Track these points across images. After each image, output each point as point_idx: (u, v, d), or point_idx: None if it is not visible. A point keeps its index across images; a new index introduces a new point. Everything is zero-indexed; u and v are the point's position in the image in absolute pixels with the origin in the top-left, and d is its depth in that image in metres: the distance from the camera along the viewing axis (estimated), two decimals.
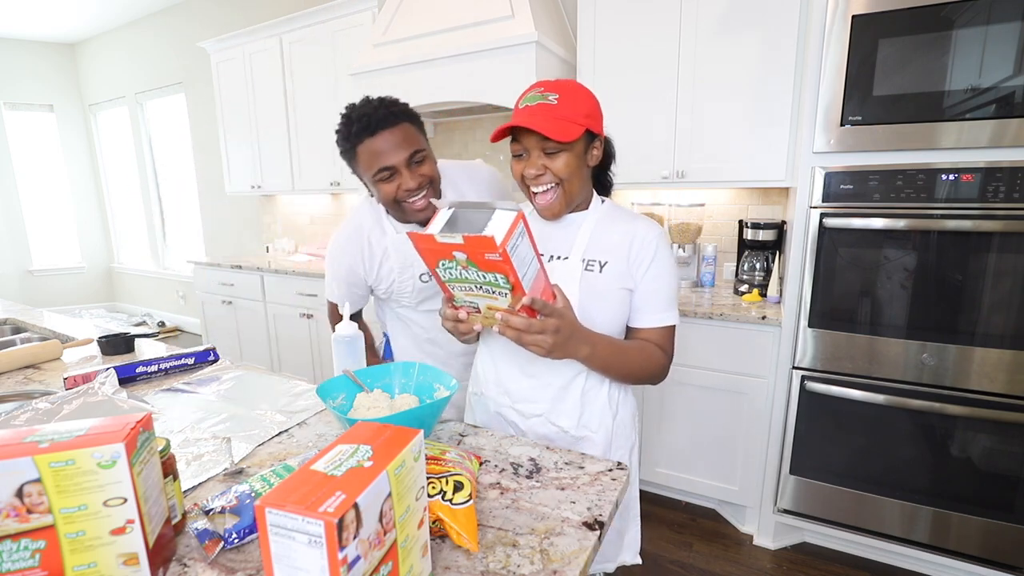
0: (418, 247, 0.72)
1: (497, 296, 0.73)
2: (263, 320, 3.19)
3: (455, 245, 0.68)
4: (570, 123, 0.83)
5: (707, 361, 1.90)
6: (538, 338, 0.74)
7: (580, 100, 0.86)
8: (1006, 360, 1.47)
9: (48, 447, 0.50)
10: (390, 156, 1.05)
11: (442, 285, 0.77)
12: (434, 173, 1.13)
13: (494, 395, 1.02)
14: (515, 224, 0.68)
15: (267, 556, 0.44)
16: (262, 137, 3.32)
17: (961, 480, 1.57)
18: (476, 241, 0.66)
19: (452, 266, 0.72)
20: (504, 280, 0.70)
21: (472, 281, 0.73)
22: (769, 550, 1.87)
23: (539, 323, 0.74)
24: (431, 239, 0.69)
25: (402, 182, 1.07)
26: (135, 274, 5.45)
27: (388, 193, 1.09)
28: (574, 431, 0.96)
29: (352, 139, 1.07)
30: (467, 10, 2.19)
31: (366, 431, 0.55)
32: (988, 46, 1.36)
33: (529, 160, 0.87)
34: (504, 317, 0.74)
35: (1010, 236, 1.42)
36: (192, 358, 1.29)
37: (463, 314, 0.79)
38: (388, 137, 1.05)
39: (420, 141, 1.10)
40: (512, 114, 0.88)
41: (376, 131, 1.04)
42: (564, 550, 0.61)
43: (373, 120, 1.04)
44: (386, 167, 1.05)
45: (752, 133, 1.91)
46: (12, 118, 5.10)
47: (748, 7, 1.84)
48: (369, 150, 1.05)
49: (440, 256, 0.71)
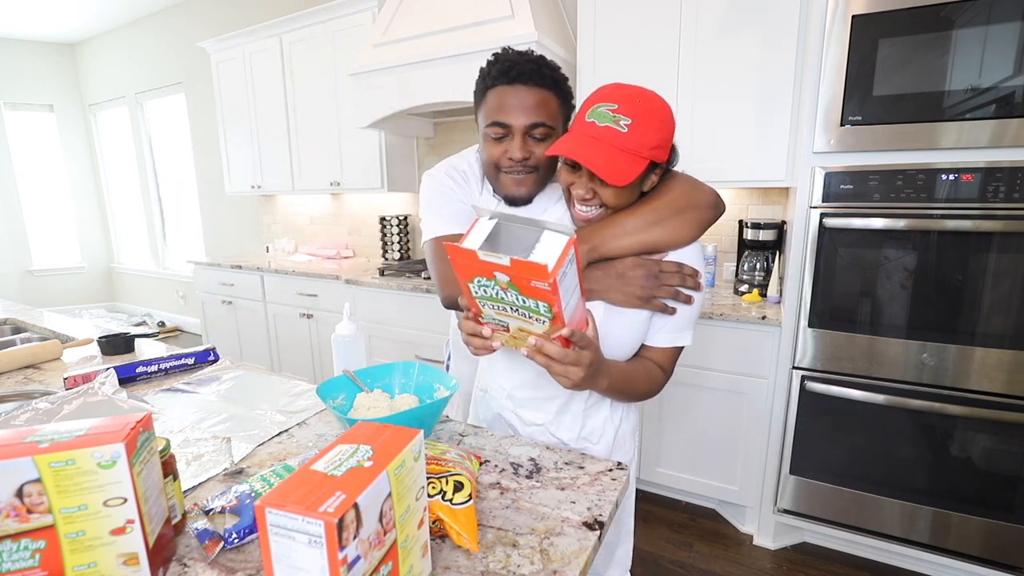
0: (454, 260, 0.65)
1: (533, 321, 0.67)
2: (263, 320, 3.19)
3: (499, 266, 0.61)
4: (634, 158, 0.74)
5: (707, 361, 1.90)
6: (570, 369, 0.70)
7: (653, 129, 0.75)
8: (1006, 360, 1.47)
9: (48, 447, 0.50)
10: (511, 113, 0.91)
11: (471, 300, 0.71)
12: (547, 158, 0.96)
13: (498, 396, 1.01)
14: (566, 251, 0.63)
15: (267, 556, 0.44)
16: (262, 137, 3.32)
17: (961, 480, 1.57)
18: (525, 267, 0.60)
19: (489, 285, 0.66)
20: (547, 308, 0.64)
21: (509, 303, 0.67)
22: (769, 550, 1.87)
23: (574, 355, 0.69)
24: (472, 255, 0.62)
25: (510, 148, 0.92)
26: (135, 274, 5.45)
27: (492, 155, 0.95)
28: (574, 444, 0.96)
29: (488, 80, 0.94)
30: (467, 10, 2.19)
31: (366, 431, 0.55)
32: (988, 46, 1.36)
33: (580, 180, 0.80)
34: (538, 343, 0.69)
35: (1010, 236, 1.42)
36: (192, 358, 1.29)
37: (487, 331, 0.73)
38: (522, 93, 0.91)
39: (553, 117, 0.94)
40: (575, 119, 0.81)
41: (514, 81, 0.91)
42: (564, 550, 0.61)
43: (516, 69, 0.91)
44: (501, 123, 0.92)
45: (752, 133, 1.91)
46: (12, 118, 5.10)
47: (748, 7, 1.84)
48: (496, 99, 0.92)
49: (478, 273, 0.65)
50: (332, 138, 2.96)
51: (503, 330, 0.72)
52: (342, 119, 2.89)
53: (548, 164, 0.96)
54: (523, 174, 0.94)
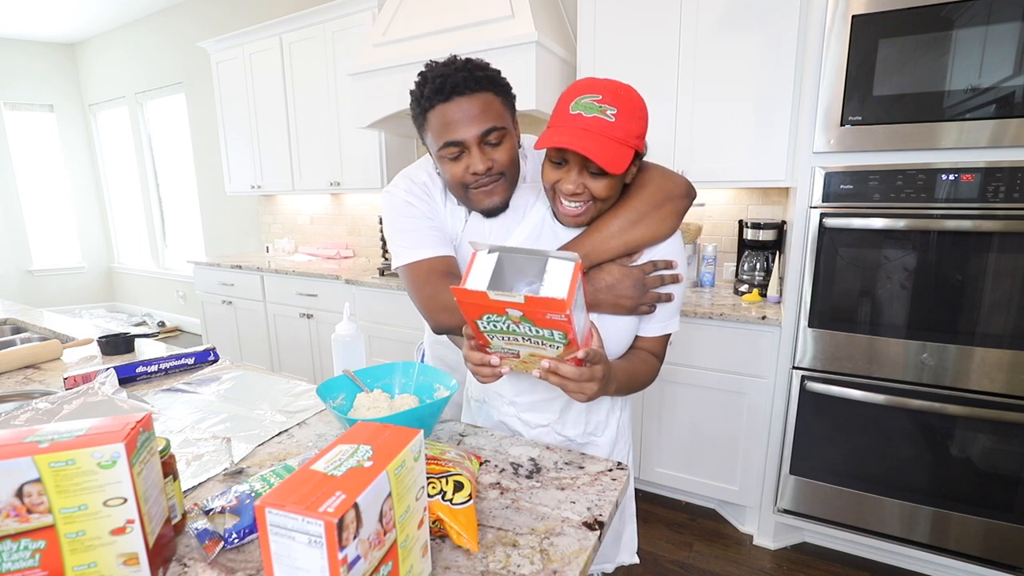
0: (461, 302, 0.63)
1: (546, 347, 0.67)
2: (263, 320, 3.19)
3: (513, 304, 0.60)
4: (624, 147, 0.75)
5: (707, 361, 1.90)
6: (586, 386, 0.70)
7: (636, 118, 0.77)
8: (1006, 360, 1.47)
9: (48, 447, 0.50)
10: (460, 129, 0.86)
11: (479, 335, 0.69)
12: (510, 160, 0.91)
13: (498, 404, 1.01)
14: (575, 277, 0.62)
15: (267, 556, 0.44)
16: (262, 137, 3.32)
17: (961, 480, 1.57)
18: (541, 303, 0.59)
19: (500, 320, 0.64)
20: (561, 336, 0.64)
21: (521, 334, 0.66)
22: (769, 550, 1.87)
23: (588, 372, 0.69)
24: (483, 296, 0.61)
25: (470, 162, 0.87)
26: (135, 274, 5.45)
27: (454, 175, 0.90)
28: (580, 439, 0.97)
29: (423, 102, 0.88)
30: (467, 10, 2.19)
31: (366, 431, 0.55)
32: (988, 46, 1.36)
33: (568, 175, 0.78)
34: (553, 366, 0.69)
35: (1010, 236, 1.42)
36: (192, 358, 1.29)
37: (495, 359, 0.72)
38: (463, 105, 0.86)
39: (501, 117, 0.90)
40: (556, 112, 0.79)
41: (451, 96, 0.86)
42: (564, 550, 0.61)
43: (449, 83, 0.85)
44: (454, 141, 0.87)
45: (752, 133, 1.91)
46: (12, 118, 5.10)
47: (748, 7, 1.84)
48: (440, 118, 0.87)
49: (488, 311, 0.63)
50: (332, 138, 2.96)
51: (512, 356, 0.72)
52: (342, 119, 2.89)
53: (512, 166, 0.93)
54: (492, 184, 0.91)
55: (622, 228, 0.83)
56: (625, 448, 1.03)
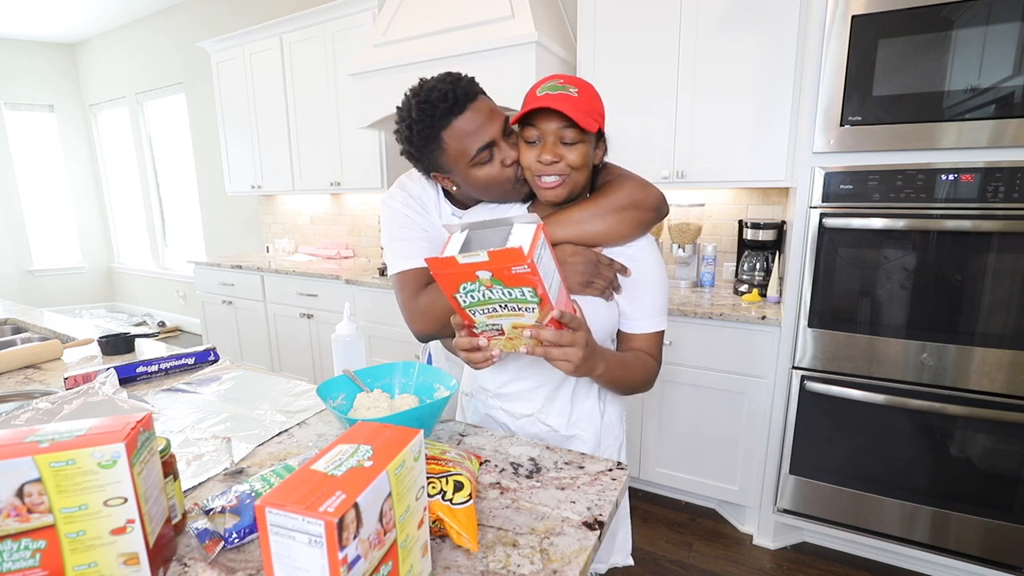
0: (436, 273, 0.68)
1: (524, 312, 0.70)
2: (263, 320, 3.19)
3: (479, 264, 0.64)
4: (590, 116, 0.83)
5: (707, 361, 1.90)
6: (568, 351, 0.72)
7: (594, 99, 0.86)
8: (1006, 360, 1.47)
9: (48, 447, 0.50)
10: (487, 131, 0.90)
11: (462, 313, 0.73)
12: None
13: (483, 397, 1.03)
14: (537, 234, 0.66)
15: (267, 556, 0.44)
16: (262, 137, 3.32)
17: (961, 480, 1.57)
18: (502, 255, 0.63)
19: (474, 288, 0.68)
20: (532, 293, 0.67)
21: (496, 301, 0.69)
22: (769, 550, 1.87)
23: (570, 335, 0.71)
24: (452, 262, 0.65)
25: (504, 156, 0.92)
26: (135, 274, 5.45)
27: (492, 176, 0.93)
28: (564, 430, 0.98)
29: (438, 123, 0.89)
30: (467, 10, 2.19)
31: (366, 431, 0.55)
32: (988, 46, 1.36)
33: (545, 147, 0.84)
34: (534, 332, 0.71)
35: (1010, 236, 1.42)
36: (192, 358, 1.29)
37: (483, 341, 0.75)
38: (479, 111, 0.90)
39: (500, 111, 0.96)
40: (526, 100, 0.86)
41: (464, 108, 0.89)
42: (564, 550, 0.62)
43: (459, 96, 0.89)
44: (486, 145, 0.90)
45: (752, 133, 1.91)
46: (12, 118, 5.10)
47: (747, 8, 1.84)
48: (459, 132, 0.89)
49: (462, 279, 0.67)
50: (332, 138, 2.97)
51: (498, 334, 0.74)
52: (342, 119, 2.89)
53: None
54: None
55: (580, 219, 0.89)
56: (615, 445, 1.03)
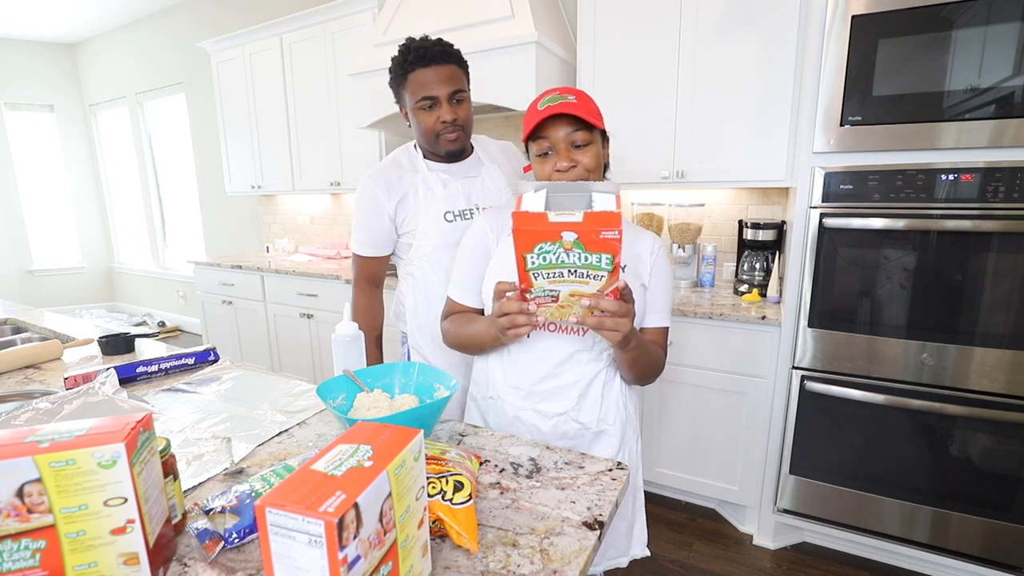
0: (520, 228, 0.68)
1: (589, 280, 0.71)
2: (263, 320, 3.19)
3: (570, 224, 0.65)
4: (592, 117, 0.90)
5: (707, 361, 1.90)
6: (621, 322, 0.75)
7: (591, 103, 0.93)
8: (1006, 360, 1.47)
9: (48, 447, 0.50)
10: (436, 87, 1.18)
11: (524, 275, 0.73)
12: (469, 117, 1.26)
13: (514, 399, 1.01)
14: (618, 202, 0.70)
15: (267, 556, 0.44)
16: (262, 137, 3.32)
17: (961, 480, 1.57)
18: (598, 217, 0.64)
19: (552, 249, 0.69)
20: (609, 261, 0.69)
21: (569, 265, 0.70)
22: (769, 550, 1.87)
23: (626, 307, 0.75)
24: (543, 219, 0.66)
25: (441, 113, 1.20)
26: (135, 274, 5.45)
27: (427, 123, 1.22)
28: (595, 426, 0.99)
29: (407, 66, 1.18)
30: (467, 10, 2.19)
31: (366, 431, 0.55)
32: (988, 46, 1.36)
33: (559, 155, 0.91)
34: (594, 302, 0.73)
35: (1010, 236, 1.42)
36: (192, 358, 1.29)
37: (533, 306, 0.76)
38: (439, 70, 1.17)
39: (464, 84, 1.23)
40: (529, 115, 0.93)
41: (430, 63, 1.17)
42: (564, 550, 0.62)
43: (429, 53, 1.16)
44: (429, 96, 1.18)
45: (752, 133, 1.91)
46: (12, 118, 5.10)
47: (748, 7, 1.84)
48: (419, 79, 1.18)
49: (544, 239, 0.68)
50: (332, 138, 2.96)
51: (551, 301, 0.75)
52: (342, 119, 2.89)
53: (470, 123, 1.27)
54: (454, 131, 1.23)
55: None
56: (634, 436, 1.06)
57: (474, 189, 1.33)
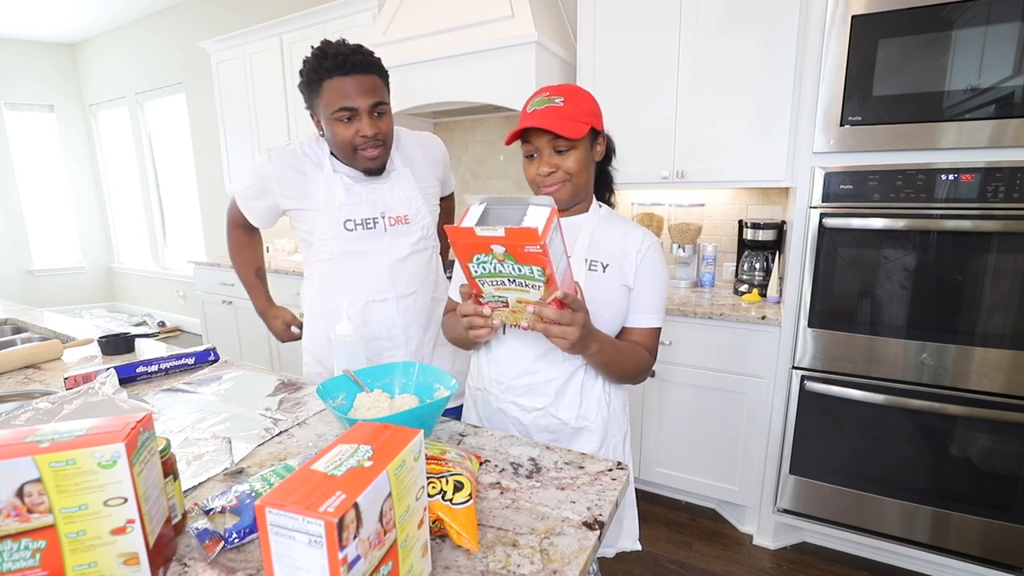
0: (454, 241, 0.72)
1: (529, 289, 0.75)
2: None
3: (496, 238, 0.69)
4: (576, 122, 0.89)
5: (707, 361, 1.90)
6: (567, 330, 0.78)
7: (582, 101, 0.92)
8: (1006, 360, 1.47)
9: (48, 447, 0.50)
10: (355, 98, 1.09)
11: (472, 282, 0.78)
12: (390, 130, 1.18)
13: (496, 391, 1.03)
14: (551, 218, 0.70)
15: (267, 556, 0.44)
16: (262, 137, 3.31)
17: (961, 480, 1.57)
18: (517, 233, 0.67)
19: (487, 260, 0.73)
20: (540, 272, 0.71)
21: (506, 275, 0.74)
22: (769, 550, 1.87)
23: (569, 315, 0.77)
24: (471, 233, 0.70)
25: (360, 127, 1.11)
26: (135, 274, 5.45)
27: (344, 136, 1.12)
28: (574, 423, 0.99)
29: (322, 72, 1.09)
30: (467, 10, 2.19)
31: (366, 431, 0.55)
32: (988, 46, 1.36)
33: (541, 160, 0.92)
34: (537, 309, 0.76)
35: (1010, 236, 1.42)
36: (192, 358, 1.29)
37: (487, 310, 0.81)
38: (359, 80, 1.09)
39: (385, 95, 1.15)
40: (520, 118, 0.93)
41: (349, 72, 1.08)
42: (564, 550, 0.61)
43: (349, 61, 1.08)
44: (348, 107, 1.09)
45: (752, 133, 1.91)
46: (12, 118, 5.10)
47: (748, 8, 1.84)
48: (336, 88, 1.09)
49: (477, 250, 0.72)
50: None
51: (503, 306, 0.79)
52: None
53: (391, 137, 1.18)
54: (376, 147, 1.15)
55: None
56: (620, 435, 1.05)
57: (380, 196, 1.24)
